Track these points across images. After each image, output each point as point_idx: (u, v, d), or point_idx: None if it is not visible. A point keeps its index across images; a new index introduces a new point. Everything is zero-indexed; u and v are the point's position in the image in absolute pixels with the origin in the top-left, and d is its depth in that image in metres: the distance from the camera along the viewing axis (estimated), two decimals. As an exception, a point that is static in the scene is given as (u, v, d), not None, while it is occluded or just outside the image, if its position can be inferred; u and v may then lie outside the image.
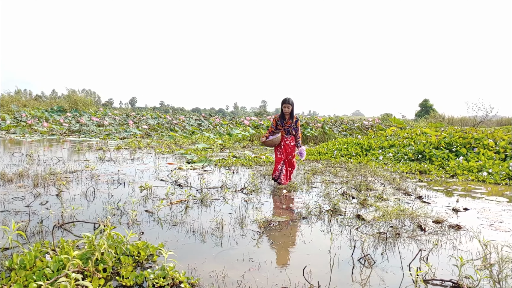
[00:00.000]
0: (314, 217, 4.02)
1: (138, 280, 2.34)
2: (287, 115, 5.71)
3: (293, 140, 5.82)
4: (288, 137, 5.80)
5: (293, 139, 5.82)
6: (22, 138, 14.06)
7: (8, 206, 4.08)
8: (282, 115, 5.75)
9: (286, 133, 5.78)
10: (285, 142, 5.80)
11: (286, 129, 5.76)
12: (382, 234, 3.41)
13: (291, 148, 5.80)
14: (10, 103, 26.86)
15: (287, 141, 5.80)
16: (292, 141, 5.81)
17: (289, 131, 5.77)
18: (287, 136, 5.80)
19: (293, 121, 5.73)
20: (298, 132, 5.80)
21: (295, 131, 5.79)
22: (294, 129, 5.77)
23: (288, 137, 5.80)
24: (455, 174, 7.16)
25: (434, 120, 25.76)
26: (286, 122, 5.73)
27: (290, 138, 5.81)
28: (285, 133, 5.78)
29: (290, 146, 5.79)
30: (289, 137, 5.80)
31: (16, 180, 5.49)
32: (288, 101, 5.60)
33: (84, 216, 3.80)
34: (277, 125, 5.81)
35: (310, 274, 2.54)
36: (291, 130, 5.76)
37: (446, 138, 9.41)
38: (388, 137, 11.53)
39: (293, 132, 5.78)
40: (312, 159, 9.44)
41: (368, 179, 6.27)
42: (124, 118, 23.96)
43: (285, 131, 5.78)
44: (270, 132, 5.84)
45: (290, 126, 5.75)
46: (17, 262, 2.28)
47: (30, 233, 3.22)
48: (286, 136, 5.80)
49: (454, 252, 3.03)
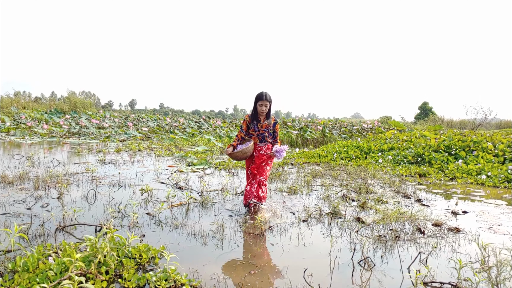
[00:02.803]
0: (314, 220, 4.05)
1: (140, 282, 2.36)
2: (263, 115, 4.33)
3: (269, 148, 4.40)
4: (262, 146, 4.37)
5: (269, 148, 4.41)
6: (22, 140, 14.07)
7: (10, 209, 4.10)
8: (255, 116, 4.33)
9: (260, 141, 4.38)
10: (259, 152, 4.37)
11: (260, 134, 4.37)
12: (381, 237, 3.43)
13: (265, 157, 4.40)
14: (10, 105, 26.89)
15: (261, 150, 4.37)
16: (268, 150, 4.40)
17: (264, 138, 4.37)
18: (261, 145, 4.37)
19: (270, 123, 4.36)
20: (276, 138, 4.46)
21: (271, 138, 4.42)
22: (270, 134, 4.39)
23: (262, 145, 4.37)
24: (454, 177, 7.20)
25: (433, 122, 25.83)
26: (261, 125, 4.34)
27: (266, 146, 4.38)
28: (258, 140, 4.38)
29: (265, 155, 4.39)
30: (264, 145, 4.38)
31: (17, 183, 5.51)
32: (266, 97, 4.18)
33: (85, 219, 3.82)
34: (248, 129, 4.42)
35: (311, 276, 2.56)
36: (266, 136, 4.36)
37: (445, 141, 9.45)
38: (388, 140, 11.56)
39: (269, 139, 4.40)
40: (312, 162, 9.47)
41: (368, 182, 6.30)
42: (123, 120, 23.98)
43: (259, 137, 4.38)
44: (239, 140, 4.42)
45: (266, 130, 4.35)
46: (20, 264, 2.30)
47: (32, 236, 3.24)
48: (260, 145, 4.37)
49: (453, 255, 3.06)
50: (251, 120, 4.36)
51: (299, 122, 20.62)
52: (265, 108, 4.22)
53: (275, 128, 4.42)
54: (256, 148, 4.40)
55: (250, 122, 4.38)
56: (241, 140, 4.41)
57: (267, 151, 4.39)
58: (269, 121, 4.35)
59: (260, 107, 4.22)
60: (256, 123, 4.36)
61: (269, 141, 4.41)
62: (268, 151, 4.39)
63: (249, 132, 4.41)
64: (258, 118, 4.34)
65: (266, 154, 4.38)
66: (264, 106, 4.21)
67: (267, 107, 4.24)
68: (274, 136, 4.44)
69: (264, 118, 4.34)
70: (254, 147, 4.37)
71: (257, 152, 4.39)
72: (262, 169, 4.37)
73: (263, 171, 4.37)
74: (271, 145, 4.42)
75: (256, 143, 4.39)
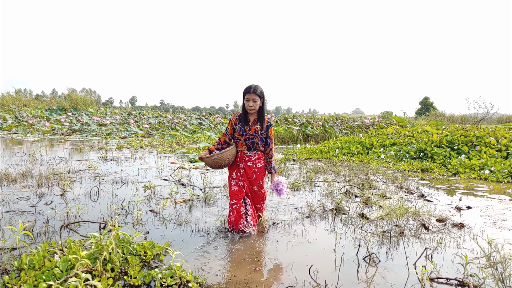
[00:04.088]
0: (318, 216, 4.04)
1: (146, 279, 2.36)
2: (253, 114, 3.43)
3: (260, 158, 3.52)
4: (251, 155, 3.48)
5: (260, 158, 3.52)
6: (23, 138, 14.08)
7: (14, 206, 4.10)
8: (244, 116, 3.41)
9: (249, 148, 3.47)
10: (246, 163, 3.48)
11: (248, 140, 3.44)
12: (386, 233, 3.43)
13: (258, 173, 3.51)
14: (11, 102, 26.88)
15: (249, 161, 3.48)
16: (259, 161, 3.50)
17: (254, 144, 3.45)
18: (249, 154, 3.48)
19: (263, 126, 3.43)
20: (270, 146, 3.53)
21: (263, 145, 3.50)
22: (262, 141, 3.46)
23: (251, 154, 3.48)
24: (457, 172, 7.18)
25: (434, 118, 25.77)
26: (250, 128, 3.42)
27: (256, 156, 3.49)
28: (246, 148, 3.47)
29: (255, 169, 3.49)
30: (254, 154, 3.49)
31: (20, 180, 5.51)
32: (255, 89, 3.29)
33: (89, 216, 3.82)
34: (234, 131, 3.51)
35: (316, 273, 2.56)
36: (256, 142, 3.44)
37: (447, 136, 9.42)
38: (390, 135, 11.54)
39: (260, 147, 3.48)
40: (313, 158, 9.46)
41: (371, 178, 6.29)
42: (125, 117, 23.97)
43: (247, 143, 3.45)
44: (221, 144, 3.58)
45: (256, 134, 3.42)
46: (26, 262, 2.31)
47: (36, 233, 3.25)
48: (248, 154, 3.48)
49: (458, 251, 3.05)
50: (238, 120, 3.45)
51: (300, 118, 20.59)
52: (253, 103, 3.30)
53: (269, 133, 3.46)
54: (243, 158, 3.48)
55: (236, 122, 3.46)
56: (223, 144, 3.56)
57: (259, 162, 3.50)
58: (262, 123, 3.41)
59: (247, 102, 3.30)
60: (243, 125, 3.41)
61: (261, 148, 3.50)
62: (259, 162, 3.50)
63: (235, 136, 3.51)
64: (247, 119, 3.41)
65: (256, 166, 3.48)
66: (252, 101, 3.29)
67: (257, 103, 3.31)
68: (268, 143, 3.50)
69: (255, 118, 3.42)
70: (239, 155, 3.50)
71: (243, 164, 3.48)
72: (256, 195, 3.58)
73: (260, 196, 3.59)
74: (262, 155, 3.55)
75: (242, 151, 3.48)
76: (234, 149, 3.46)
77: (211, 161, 3.41)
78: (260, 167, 3.51)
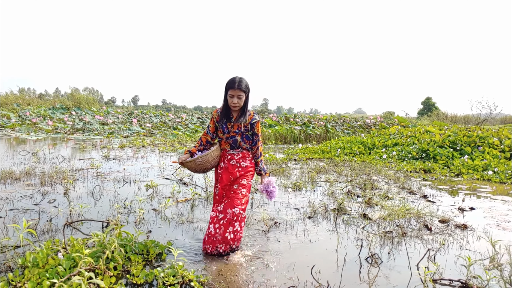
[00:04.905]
0: (320, 216, 4.04)
1: (148, 278, 2.36)
2: (236, 110, 2.99)
3: (245, 158, 3.05)
4: (234, 153, 3.03)
5: (245, 157, 3.06)
6: (27, 136, 14.13)
7: (17, 205, 4.12)
8: (227, 111, 2.98)
9: (232, 146, 3.02)
10: (229, 162, 3.03)
11: (230, 138, 3.00)
12: (388, 234, 3.43)
13: (243, 172, 3.03)
14: (14, 101, 27.00)
15: (232, 159, 3.02)
16: (243, 160, 3.04)
17: (237, 143, 3.00)
18: (232, 152, 3.03)
19: (245, 120, 2.97)
20: (257, 144, 3.07)
21: (248, 143, 3.05)
22: (247, 138, 3.02)
23: (234, 153, 3.03)
24: (460, 173, 7.16)
25: (437, 118, 25.71)
26: (233, 125, 2.99)
27: (240, 154, 3.03)
28: (229, 146, 3.02)
29: (239, 168, 3.02)
30: (237, 153, 3.03)
31: (23, 179, 5.53)
32: (240, 84, 2.84)
33: (91, 215, 3.83)
34: (217, 129, 3.09)
35: (318, 273, 2.56)
36: (240, 140, 3.00)
37: (450, 136, 9.40)
38: (392, 135, 11.52)
39: (245, 144, 3.03)
40: (315, 158, 9.45)
41: (373, 178, 6.28)
42: (127, 116, 24.03)
43: (229, 142, 3.01)
44: (203, 145, 3.12)
45: (239, 132, 2.99)
46: (30, 260, 2.32)
47: (40, 231, 3.26)
48: (231, 152, 3.03)
49: (461, 252, 3.04)
50: (220, 117, 3.03)
51: (302, 117, 20.58)
52: (238, 100, 2.86)
53: (255, 129, 3.03)
54: (225, 156, 3.05)
55: (218, 120, 3.04)
56: (206, 145, 3.12)
57: (243, 161, 3.04)
58: (245, 119, 2.96)
59: (231, 98, 2.86)
60: (225, 122, 3.00)
61: (246, 146, 3.04)
62: (243, 162, 3.03)
63: (217, 134, 3.10)
64: (229, 115, 2.99)
65: (240, 167, 3.02)
66: (237, 97, 2.85)
67: (242, 99, 2.88)
68: (254, 140, 3.06)
69: (237, 114, 2.99)
70: (222, 154, 3.09)
71: (225, 163, 3.04)
72: (235, 195, 2.96)
73: (237, 197, 2.94)
74: (248, 154, 3.07)
75: (225, 149, 3.06)
76: (219, 149, 3.07)
77: (195, 165, 2.94)
78: (245, 166, 3.04)
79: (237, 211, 2.87)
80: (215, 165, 3.08)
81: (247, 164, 3.06)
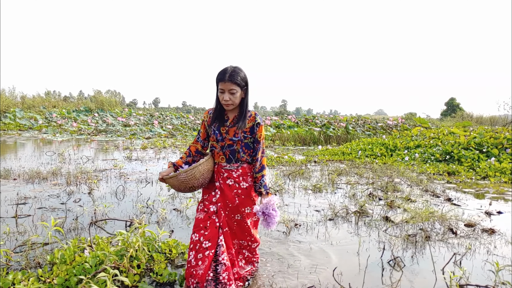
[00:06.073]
0: (341, 218, 4.00)
1: (170, 278, 2.40)
2: (232, 110, 2.30)
3: (246, 175, 2.32)
4: (232, 169, 2.30)
5: (246, 173, 2.32)
6: (53, 137, 14.60)
7: (45, 203, 4.27)
8: (220, 112, 2.30)
9: (228, 160, 2.30)
10: (225, 181, 2.29)
11: (226, 147, 2.29)
12: (411, 237, 3.36)
13: (243, 196, 2.29)
14: (41, 104, 27.99)
15: (229, 178, 2.30)
16: (244, 179, 2.31)
17: (235, 154, 2.29)
18: (229, 168, 2.30)
19: (244, 124, 2.26)
20: (258, 154, 2.31)
21: (249, 153, 2.32)
22: (247, 147, 2.30)
23: (232, 168, 2.30)
24: (486, 176, 6.94)
25: (461, 119, 24.98)
26: (228, 130, 2.28)
27: (239, 171, 2.31)
28: (225, 159, 2.30)
29: (238, 190, 2.29)
30: (236, 168, 2.30)
31: (50, 178, 5.72)
32: (232, 76, 2.15)
33: (115, 214, 3.93)
34: (208, 135, 2.39)
35: (340, 275, 2.54)
36: (238, 150, 2.28)
37: (476, 138, 9.12)
38: (414, 137, 11.28)
39: (246, 156, 2.31)
40: (335, 159, 9.36)
41: (395, 180, 6.16)
42: (148, 118, 24.48)
43: (225, 152, 2.30)
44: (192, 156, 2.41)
45: (237, 139, 2.27)
46: (58, 257, 2.40)
47: (66, 229, 3.37)
48: (228, 167, 2.30)
49: (488, 257, 2.95)
50: (211, 119, 2.34)
51: (322, 119, 20.42)
52: (231, 96, 2.16)
53: (256, 135, 2.29)
54: (220, 173, 2.31)
55: (210, 123, 2.34)
56: (195, 155, 2.41)
57: (242, 182, 2.29)
58: (244, 123, 2.25)
59: (222, 94, 2.18)
60: (218, 126, 2.30)
61: (246, 158, 2.31)
62: (243, 182, 2.29)
63: (209, 141, 2.40)
64: (223, 117, 2.30)
65: (240, 185, 2.28)
66: (229, 92, 2.16)
67: (236, 95, 2.17)
68: (255, 149, 2.31)
69: (235, 116, 2.29)
70: (215, 170, 2.34)
71: (220, 182, 2.29)
72: (241, 226, 2.30)
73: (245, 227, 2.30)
74: (250, 169, 2.34)
75: (219, 163, 2.32)
76: (211, 161, 2.31)
77: (178, 183, 2.20)
78: (247, 187, 2.29)
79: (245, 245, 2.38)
80: (205, 183, 2.30)
81: (250, 184, 2.31)
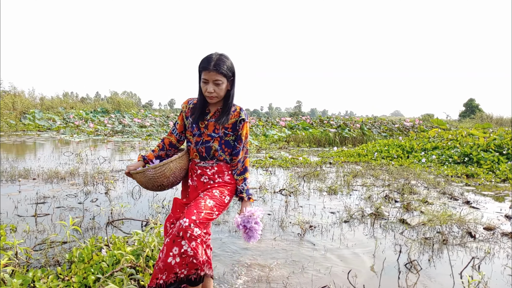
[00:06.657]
0: (356, 220, 3.96)
1: (186, 277, 2.42)
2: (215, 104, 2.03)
3: (223, 172, 2.03)
4: (207, 167, 2.03)
5: (222, 171, 2.03)
6: (70, 138, 14.93)
7: (63, 203, 4.37)
8: (202, 105, 2.01)
9: (203, 157, 2.02)
10: (199, 179, 2.03)
11: (203, 144, 2.00)
12: (428, 240, 3.30)
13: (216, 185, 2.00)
14: (59, 105, 28.65)
15: (203, 176, 2.02)
16: (219, 176, 2.02)
17: (210, 151, 2.00)
18: (203, 165, 2.03)
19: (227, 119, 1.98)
20: (240, 155, 2.03)
21: (228, 152, 2.04)
22: (227, 145, 2.02)
23: (206, 165, 2.03)
24: (506, 179, 6.75)
25: (481, 120, 24.42)
26: (207, 125, 2.01)
27: (215, 169, 2.03)
28: (199, 156, 2.03)
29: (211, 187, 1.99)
30: (211, 166, 2.03)
31: (68, 178, 5.85)
32: (218, 65, 1.85)
33: (131, 214, 3.99)
34: (185, 128, 2.13)
35: (355, 278, 2.51)
36: (216, 148, 2.00)
37: (496, 140, 8.89)
38: (431, 138, 11.08)
39: (224, 155, 2.02)
40: (351, 161, 9.27)
41: (411, 183, 6.07)
42: (164, 119, 24.77)
43: (199, 149, 2.02)
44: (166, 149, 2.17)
45: (217, 135, 2.00)
46: (76, 255, 2.45)
47: (84, 229, 3.44)
48: (202, 165, 2.03)
49: (508, 262, 2.87)
50: (190, 111, 2.07)
51: (337, 120, 20.26)
52: (215, 88, 1.90)
53: (240, 131, 2.02)
54: (194, 170, 2.07)
55: (188, 114, 2.09)
56: (169, 149, 2.18)
57: (217, 179, 2.02)
58: (227, 118, 1.99)
59: (205, 85, 1.91)
60: (197, 120, 2.03)
61: (225, 156, 2.04)
62: (218, 178, 2.02)
63: (185, 136, 2.15)
64: (204, 110, 2.03)
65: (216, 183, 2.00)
66: (213, 83, 1.89)
67: (221, 87, 1.91)
68: (237, 148, 2.04)
69: (217, 109, 2.02)
70: (190, 167, 2.11)
71: (194, 180, 2.05)
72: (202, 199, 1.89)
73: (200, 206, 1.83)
74: (227, 167, 2.06)
75: (194, 159, 2.08)
76: (185, 158, 2.07)
77: (145, 180, 1.97)
78: (221, 182, 2.01)
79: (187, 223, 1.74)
80: (176, 182, 2.08)
81: (227, 180, 2.03)
